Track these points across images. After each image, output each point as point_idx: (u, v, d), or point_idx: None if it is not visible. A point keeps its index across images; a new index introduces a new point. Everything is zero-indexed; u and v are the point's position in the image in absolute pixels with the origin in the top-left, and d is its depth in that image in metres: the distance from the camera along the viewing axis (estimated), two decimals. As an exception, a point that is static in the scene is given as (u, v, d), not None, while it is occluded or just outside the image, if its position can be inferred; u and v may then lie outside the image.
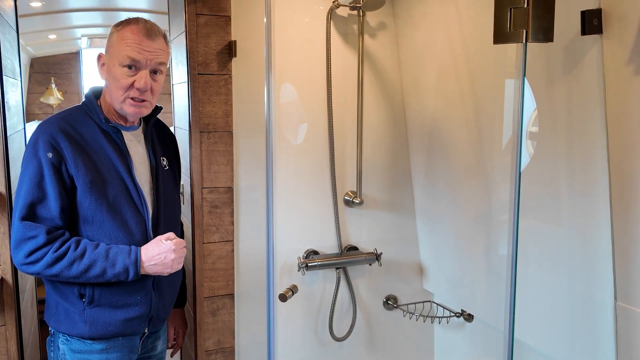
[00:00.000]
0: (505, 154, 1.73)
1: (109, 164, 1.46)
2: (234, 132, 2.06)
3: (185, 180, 2.17)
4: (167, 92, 2.30)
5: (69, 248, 1.39)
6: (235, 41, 2.02)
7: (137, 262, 1.43)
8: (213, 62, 1.99)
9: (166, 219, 1.59)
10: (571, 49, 1.39)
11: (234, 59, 2.03)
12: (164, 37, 1.51)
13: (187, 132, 2.07)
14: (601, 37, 1.30)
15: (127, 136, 1.54)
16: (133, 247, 1.46)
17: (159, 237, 1.49)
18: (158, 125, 1.71)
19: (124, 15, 1.54)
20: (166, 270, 1.47)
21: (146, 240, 1.52)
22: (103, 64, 1.49)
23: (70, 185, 1.41)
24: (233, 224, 2.09)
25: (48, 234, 1.38)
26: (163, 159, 1.64)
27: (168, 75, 1.97)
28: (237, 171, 2.09)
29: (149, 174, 1.56)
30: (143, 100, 1.46)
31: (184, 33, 2.01)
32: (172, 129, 2.02)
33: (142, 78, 1.43)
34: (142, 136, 1.59)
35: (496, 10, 1.24)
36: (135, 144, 1.55)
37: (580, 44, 1.36)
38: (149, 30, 1.45)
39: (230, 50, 2.02)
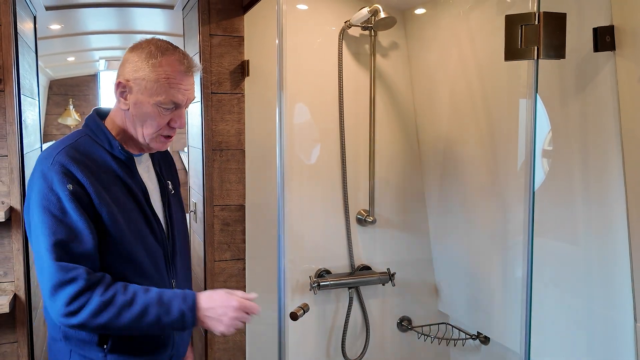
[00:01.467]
0: (519, 173, 1.71)
1: (126, 194, 1.30)
2: (246, 150, 2.07)
3: (197, 198, 2.18)
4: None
5: (116, 292, 1.19)
6: (248, 61, 2.04)
7: (194, 308, 1.23)
8: (226, 81, 2.01)
9: (181, 247, 1.46)
10: (584, 66, 1.38)
11: (246, 78, 2.05)
12: (196, 69, 1.37)
13: (200, 150, 2.08)
14: (614, 53, 1.29)
15: (137, 161, 1.40)
16: (187, 291, 1.27)
17: (225, 290, 1.31)
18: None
19: (141, 38, 1.47)
20: (219, 329, 1.24)
21: (167, 272, 1.37)
22: (124, 92, 1.29)
23: (94, 218, 1.23)
24: (244, 242, 2.08)
25: (88, 275, 1.17)
26: (169, 183, 1.51)
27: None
28: (249, 189, 2.09)
29: (160, 200, 1.43)
30: (171, 136, 1.36)
31: (198, 54, 2.04)
32: (185, 148, 2.04)
33: (181, 118, 1.32)
34: (150, 161, 1.45)
35: (507, 28, 1.24)
36: (146, 170, 1.42)
37: (594, 61, 1.35)
38: (188, 68, 1.31)
39: (243, 69, 2.04)
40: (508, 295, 1.84)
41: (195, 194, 2.31)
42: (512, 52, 1.24)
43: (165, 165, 1.52)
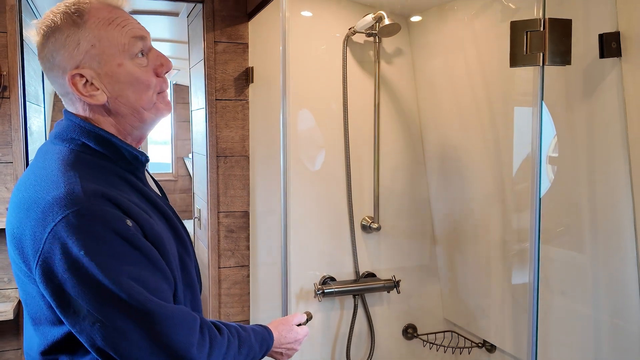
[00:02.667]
0: (525, 180, 1.70)
1: (159, 217, 1.01)
2: (251, 157, 2.07)
3: (201, 204, 2.18)
4: (186, 120, 2.33)
5: (227, 336, 1.02)
6: (252, 67, 2.04)
7: (272, 343, 1.19)
8: (230, 88, 2.01)
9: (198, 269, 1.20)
10: (590, 72, 1.37)
11: (251, 85, 2.05)
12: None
13: (205, 157, 2.08)
14: (620, 60, 1.28)
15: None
16: (264, 325, 1.21)
17: (290, 319, 1.27)
18: None
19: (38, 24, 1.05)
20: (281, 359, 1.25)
21: (199, 299, 1.14)
22: (87, 82, 0.95)
23: None
24: (249, 249, 2.08)
25: (198, 316, 0.97)
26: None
27: (188, 103, 1.99)
28: (253, 196, 2.09)
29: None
30: (165, 90, 1.06)
31: (203, 60, 2.04)
32: (190, 155, 2.04)
33: (163, 56, 1.02)
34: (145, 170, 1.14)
35: (512, 34, 1.24)
36: (148, 181, 1.11)
37: (599, 67, 1.34)
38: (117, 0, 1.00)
39: (247, 76, 2.05)
40: (514, 303, 1.82)
41: (199, 200, 2.31)
42: (517, 59, 1.23)
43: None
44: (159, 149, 5.70)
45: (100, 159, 0.95)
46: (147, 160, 1.02)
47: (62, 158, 0.93)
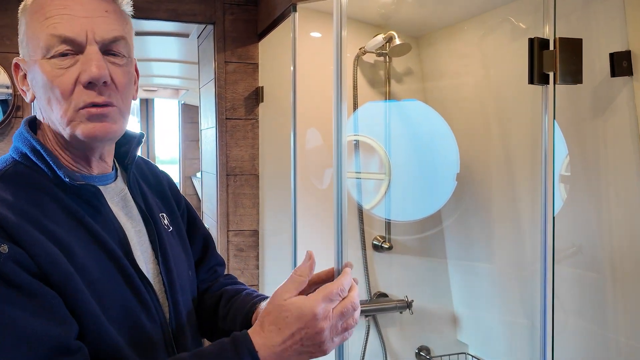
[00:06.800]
0: (538, 199, 1.68)
1: (96, 250, 0.80)
2: (260, 175, 2.07)
3: (210, 223, 2.18)
4: (194, 139, 2.35)
5: None
6: (262, 87, 2.06)
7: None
8: (240, 107, 2.03)
9: (187, 315, 0.94)
10: (601, 91, 1.37)
11: (260, 104, 2.06)
12: None
13: (214, 175, 2.09)
14: (632, 78, 1.28)
15: (107, 193, 0.87)
16: (237, 334, 0.78)
17: (281, 292, 0.80)
18: (142, 166, 1.03)
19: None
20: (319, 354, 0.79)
21: (170, 353, 0.86)
22: (25, 75, 0.83)
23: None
24: (258, 268, 2.07)
25: None
26: (163, 217, 0.98)
27: (196, 123, 2.00)
28: (262, 214, 2.09)
29: (150, 249, 0.91)
30: (105, 106, 0.79)
31: (213, 80, 2.06)
32: (199, 173, 2.04)
33: (91, 61, 0.77)
34: (126, 188, 0.93)
35: (530, 51, 1.24)
36: (121, 205, 0.90)
37: (611, 86, 1.33)
38: None
39: (257, 95, 2.06)
40: (529, 324, 1.79)
41: (208, 219, 2.31)
42: (533, 76, 1.23)
43: (156, 191, 1.02)
44: (166, 168, 5.72)
45: (37, 172, 0.80)
46: (82, 188, 0.81)
47: None
